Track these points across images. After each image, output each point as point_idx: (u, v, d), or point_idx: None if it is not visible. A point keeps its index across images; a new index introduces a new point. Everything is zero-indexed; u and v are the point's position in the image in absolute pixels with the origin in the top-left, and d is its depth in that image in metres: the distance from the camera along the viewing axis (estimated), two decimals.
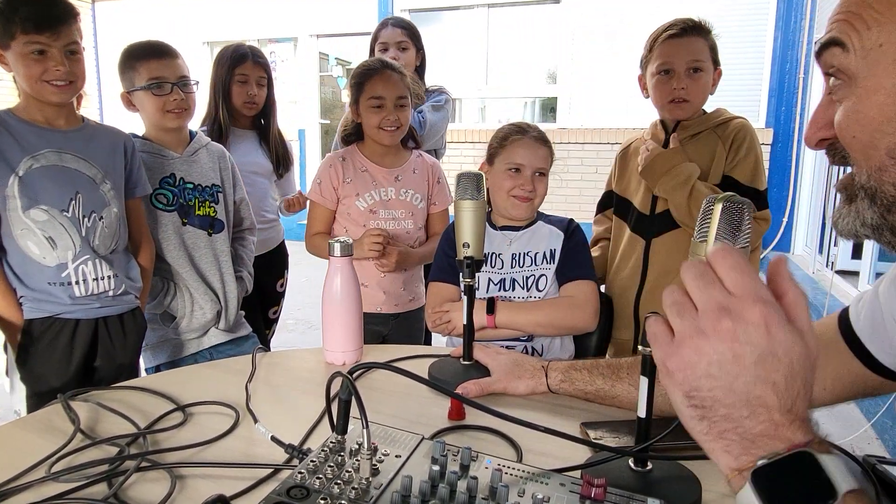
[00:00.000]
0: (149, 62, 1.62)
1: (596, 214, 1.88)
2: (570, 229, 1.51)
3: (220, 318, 1.78)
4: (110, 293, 1.49)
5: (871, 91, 0.57)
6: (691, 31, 1.56)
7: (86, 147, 1.47)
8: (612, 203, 1.80)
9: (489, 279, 1.49)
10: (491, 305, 1.39)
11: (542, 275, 1.47)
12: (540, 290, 1.47)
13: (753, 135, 1.57)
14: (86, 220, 1.45)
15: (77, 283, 1.44)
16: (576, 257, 1.47)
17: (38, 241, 1.40)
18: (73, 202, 1.43)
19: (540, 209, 1.54)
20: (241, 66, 2.13)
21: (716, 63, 1.59)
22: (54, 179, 1.41)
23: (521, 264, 1.49)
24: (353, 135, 1.90)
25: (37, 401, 1.42)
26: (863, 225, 0.63)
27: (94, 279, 1.46)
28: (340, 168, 1.85)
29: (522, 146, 1.48)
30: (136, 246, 1.61)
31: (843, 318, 0.85)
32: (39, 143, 1.41)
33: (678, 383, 0.53)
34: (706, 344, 0.51)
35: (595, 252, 1.81)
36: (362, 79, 1.80)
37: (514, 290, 1.48)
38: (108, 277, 1.48)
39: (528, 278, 1.48)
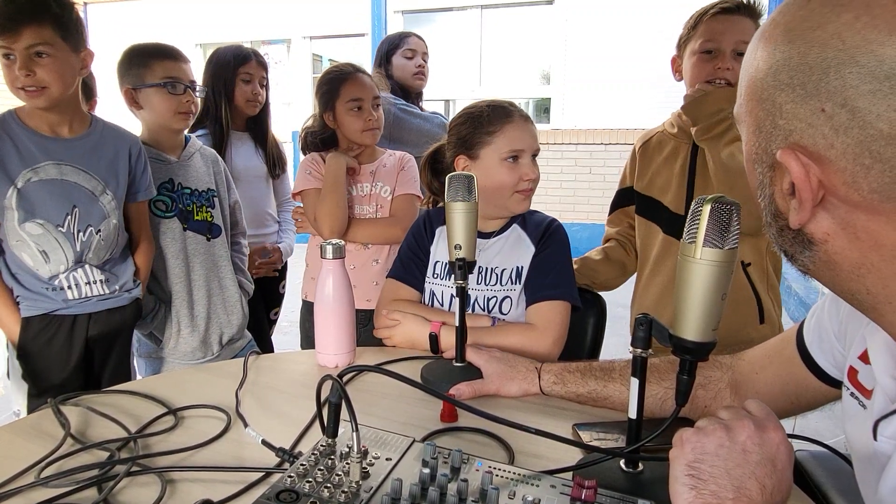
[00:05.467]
0: (165, 62, 1.62)
1: (610, 213, 1.76)
2: (545, 236, 1.34)
3: (212, 344, 1.76)
4: (105, 292, 1.49)
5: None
6: (743, 10, 1.41)
7: (88, 157, 1.44)
8: (629, 201, 1.68)
9: (451, 294, 1.36)
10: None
11: (507, 297, 1.33)
12: (504, 313, 1.33)
13: None
14: (81, 234, 1.43)
15: (69, 287, 1.44)
16: (545, 271, 1.30)
17: (32, 254, 1.40)
18: (70, 217, 1.41)
19: None
20: (245, 65, 2.14)
21: None
22: (52, 193, 1.39)
23: (488, 281, 1.35)
24: (327, 141, 1.87)
25: (39, 398, 1.42)
26: None
27: (86, 283, 1.46)
28: (323, 163, 1.83)
29: (516, 129, 1.32)
30: (136, 245, 1.59)
31: (800, 335, 0.85)
32: (40, 154, 1.37)
33: (685, 453, 0.61)
34: (725, 433, 0.61)
35: (596, 255, 1.71)
36: (337, 84, 1.78)
37: (474, 310, 1.35)
38: (101, 281, 1.48)
39: (490, 300, 1.34)
